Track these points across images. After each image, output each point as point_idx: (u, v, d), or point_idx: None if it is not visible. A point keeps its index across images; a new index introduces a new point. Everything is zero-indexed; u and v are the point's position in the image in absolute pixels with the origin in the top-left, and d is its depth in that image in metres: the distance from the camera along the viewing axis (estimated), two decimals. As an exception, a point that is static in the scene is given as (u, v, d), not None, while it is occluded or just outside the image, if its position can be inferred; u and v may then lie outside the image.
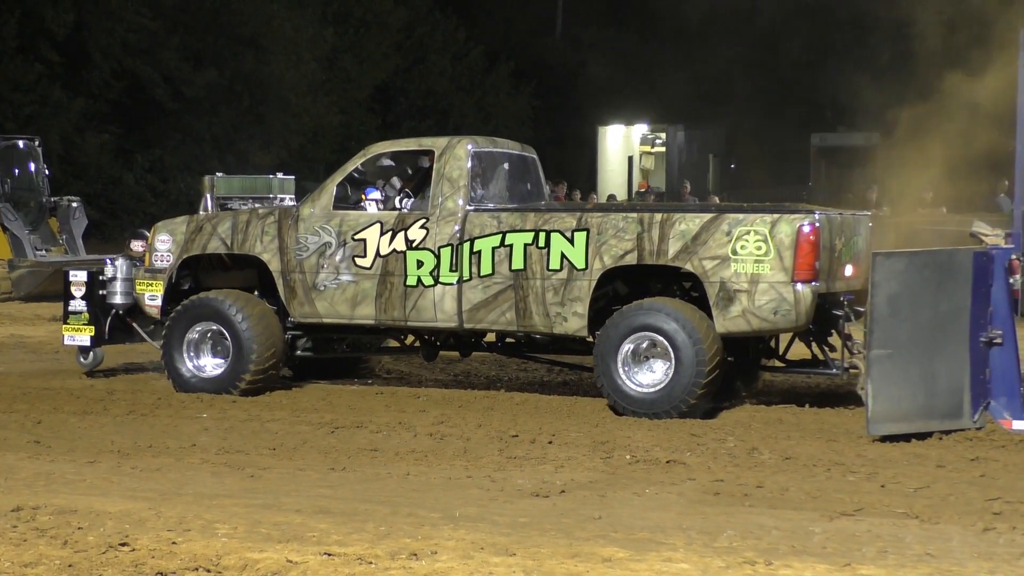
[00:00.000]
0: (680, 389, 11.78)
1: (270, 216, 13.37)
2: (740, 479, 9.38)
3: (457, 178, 12.81)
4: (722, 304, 11.84)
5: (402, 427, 11.42)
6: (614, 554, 7.42)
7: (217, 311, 13.09)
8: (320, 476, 9.62)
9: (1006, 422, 11.01)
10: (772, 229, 11.75)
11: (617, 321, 12.09)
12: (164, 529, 7.88)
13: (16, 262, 23.68)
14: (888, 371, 10.80)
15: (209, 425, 11.63)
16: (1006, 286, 11.20)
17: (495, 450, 10.52)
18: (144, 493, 8.94)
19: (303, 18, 39.67)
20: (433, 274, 12.67)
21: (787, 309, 11.68)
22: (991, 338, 11.08)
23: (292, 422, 11.81)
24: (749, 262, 11.77)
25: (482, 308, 12.52)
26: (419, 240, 12.73)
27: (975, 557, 7.51)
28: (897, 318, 10.84)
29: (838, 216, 12.45)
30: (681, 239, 11.99)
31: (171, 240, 13.54)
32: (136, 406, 12.38)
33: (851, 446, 10.57)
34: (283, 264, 13.12)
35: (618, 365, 11.98)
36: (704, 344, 11.74)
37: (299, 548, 7.51)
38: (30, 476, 9.51)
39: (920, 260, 11.21)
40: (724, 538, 7.80)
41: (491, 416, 12.00)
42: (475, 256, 12.55)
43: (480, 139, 13.48)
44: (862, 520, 8.30)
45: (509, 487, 9.19)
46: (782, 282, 11.68)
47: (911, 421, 10.84)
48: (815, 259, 11.70)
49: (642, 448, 10.49)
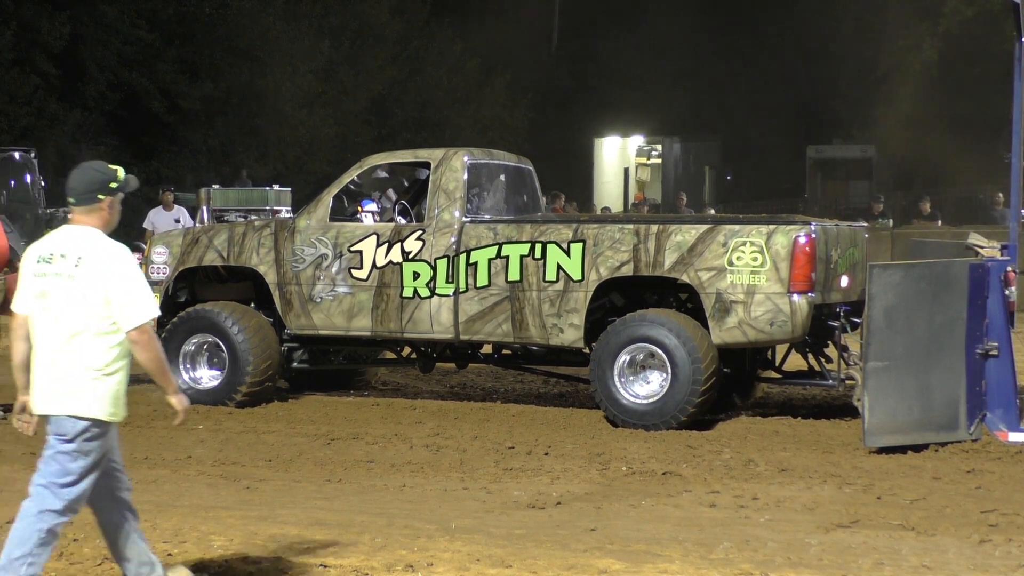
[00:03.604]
0: (676, 400, 11.78)
1: (266, 228, 13.38)
2: (736, 491, 9.38)
3: (453, 190, 12.82)
4: (718, 315, 11.85)
5: (398, 439, 11.42)
6: (610, 566, 7.42)
7: (213, 323, 13.09)
8: (316, 488, 9.62)
9: (1002, 434, 11.01)
10: (768, 240, 11.76)
11: (613, 333, 12.09)
12: (160, 541, 7.88)
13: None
14: (884, 383, 10.80)
15: (205, 437, 11.63)
16: (1002, 298, 11.21)
17: (491, 462, 10.52)
18: (140, 505, 8.86)
19: (299, 30, 39.67)
20: (429, 286, 12.67)
21: (783, 320, 11.68)
22: (987, 350, 11.10)
23: (288, 434, 11.80)
24: (745, 273, 11.78)
25: (478, 320, 12.52)
26: (415, 252, 12.74)
27: (971, 569, 7.51)
28: (893, 330, 10.85)
29: (834, 227, 12.46)
30: (677, 250, 11.99)
31: (167, 252, 13.55)
32: (132, 418, 12.29)
33: (847, 458, 10.57)
34: (279, 276, 13.13)
35: (614, 376, 11.98)
36: (700, 355, 11.75)
37: (295, 560, 7.51)
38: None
39: (916, 272, 11.21)
40: (720, 550, 7.80)
41: (487, 428, 12.00)
42: (471, 268, 12.55)
43: (476, 151, 13.49)
44: (858, 532, 8.31)
45: (505, 499, 9.19)
46: (778, 293, 11.69)
47: (907, 433, 10.85)
48: (811, 270, 11.70)
49: (638, 460, 10.49)
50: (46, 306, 6.31)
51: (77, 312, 6.26)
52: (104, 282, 6.25)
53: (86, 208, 6.38)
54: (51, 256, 6.34)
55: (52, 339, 6.30)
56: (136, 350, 6.33)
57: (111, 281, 6.25)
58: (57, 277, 6.28)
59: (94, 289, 6.25)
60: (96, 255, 6.29)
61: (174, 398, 6.55)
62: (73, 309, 6.26)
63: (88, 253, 6.29)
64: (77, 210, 6.38)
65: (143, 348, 6.31)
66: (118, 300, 6.25)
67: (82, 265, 6.27)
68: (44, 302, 6.32)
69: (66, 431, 6.28)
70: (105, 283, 6.25)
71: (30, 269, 6.41)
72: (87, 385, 6.28)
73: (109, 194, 6.43)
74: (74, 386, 6.27)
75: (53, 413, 6.31)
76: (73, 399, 6.28)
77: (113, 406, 6.40)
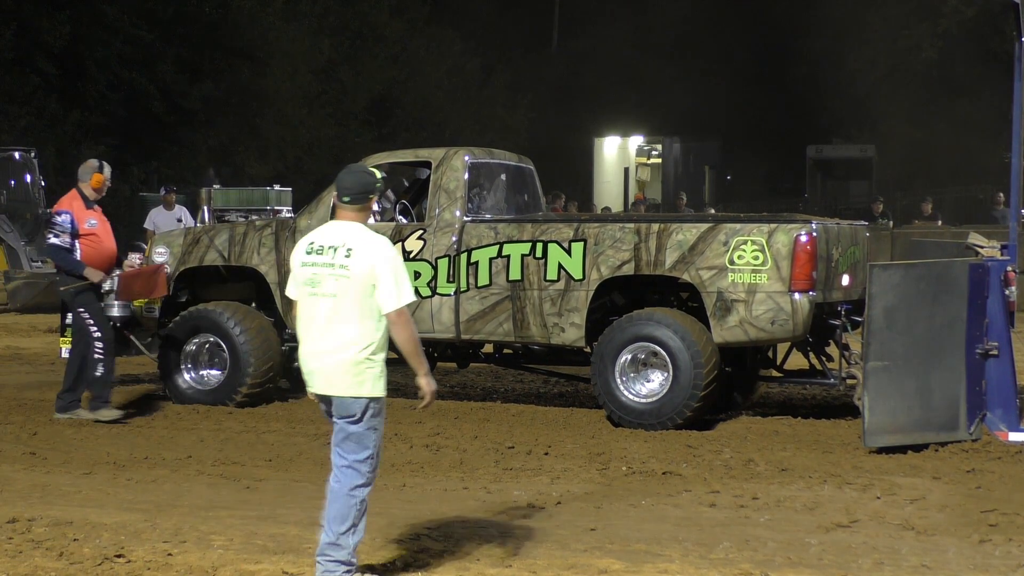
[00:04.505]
0: (677, 400, 11.77)
1: (267, 228, 13.37)
2: (736, 491, 9.38)
3: (454, 189, 12.81)
4: (719, 314, 11.83)
5: (398, 438, 11.42)
6: (610, 565, 7.43)
7: (215, 323, 13.09)
8: (316, 488, 9.57)
9: (1002, 434, 11.01)
10: (769, 239, 11.75)
11: (614, 332, 12.09)
12: (160, 541, 7.89)
13: (12, 274, 23.68)
14: (884, 383, 10.80)
15: (205, 436, 11.62)
16: (1002, 298, 11.21)
17: (491, 462, 10.52)
18: (140, 505, 8.93)
19: (299, 30, 39.67)
20: (430, 285, 12.66)
21: (784, 319, 11.68)
22: (987, 350, 11.09)
23: (288, 433, 11.80)
24: (746, 272, 11.76)
25: (479, 319, 12.51)
26: (416, 251, 12.73)
27: (971, 569, 7.52)
28: (893, 330, 10.85)
29: (835, 226, 12.45)
30: (678, 249, 11.98)
31: (168, 252, 13.54)
32: (131, 418, 12.36)
33: (847, 457, 10.57)
34: (280, 276, 13.11)
35: (616, 376, 11.98)
36: (702, 355, 11.74)
37: (295, 560, 7.51)
38: (26, 488, 9.50)
39: (916, 272, 11.22)
40: (720, 550, 7.81)
41: (487, 428, 12.00)
42: (472, 267, 12.54)
43: (477, 150, 13.48)
44: (858, 532, 8.31)
45: (505, 499, 9.19)
46: (779, 292, 11.67)
47: (907, 433, 10.85)
48: (812, 269, 11.69)
49: (638, 460, 10.49)
50: (314, 292, 7.08)
51: (347, 298, 7.01)
52: (372, 270, 7.00)
53: (358, 206, 7.20)
54: (321, 248, 7.12)
55: (322, 323, 7.05)
56: (395, 330, 7.05)
57: (378, 268, 7.01)
58: (328, 267, 7.06)
59: (363, 276, 7.01)
60: (365, 246, 7.07)
61: (423, 380, 7.15)
62: (343, 295, 7.01)
63: (358, 245, 7.06)
64: (349, 208, 7.19)
65: (401, 328, 7.04)
66: (383, 285, 7.00)
67: (353, 255, 7.04)
68: (313, 289, 7.09)
69: (352, 412, 7.04)
70: (373, 271, 7.01)
71: (299, 259, 7.21)
72: (362, 367, 7.03)
73: (374, 194, 7.26)
74: (350, 369, 7.01)
75: (335, 395, 7.05)
76: (352, 381, 7.02)
77: (384, 382, 7.10)
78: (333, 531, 7.00)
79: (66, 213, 12.22)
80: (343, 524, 7.00)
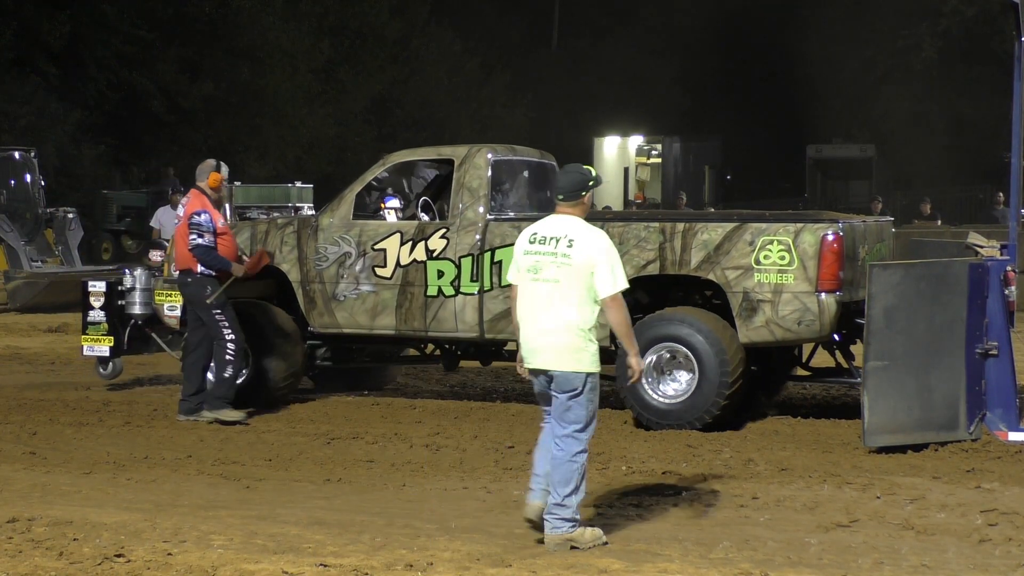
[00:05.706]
0: (704, 400, 11.67)
1: (289, 226, 13.29)
2: (736, 490, 9.38)
3: (477, 187, 12.72)
4: (745, 314, 11.73)
5: (398, 438, 11.41)
6: (610, 565, 7.42)
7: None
8: (316, 487, 9.61)
9: (1002, 433, 11.01)
10: (796, 239, 11.64)
11: (640, 331, 11.95)
12: (160, 540, 7.88)
13: (12, 273, 23.65)
14: (884, 383, 10.80)
15: (205, 436, 11.62)
16: (1002, 298, 11.20)
17: (491, 461, 10.52)
18: (140, 504, 8.93)
19: (299, 30, 39.69)
20: (454, 284, 12.58)
21: (811, 319, 11.58)
22: (987, 350, 11.08)
23: (288, 433, 11.80)
24: (772, 272, 11.65)
25: (503, 318, 12.33)
26: (439, 250, 12.64)
27: (971, 569, 7.52)
28: (893, 330, 10.84)
29: (861, 224, 12.34)
30: (704, 249, 11.87)
31: None
32: (132, 417, 12.36)
33: (847, 457, 10.57)
34: (302, 274, 13.04)
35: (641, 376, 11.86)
36: (728, 355, 11.64)
37: (295, 560, 7.51)
38: (26, 487, 9.50)
39: (916, 272, 11.21)
40: (720, 549, 7.80)
41: (487, 427, 11.99)
42: (496, 266, 12.42)
43: (500, 147, 13.34)
44: (858, 531, 8.31)
45: (505, 498, 9.18)
46: (806, 292, 11.57)
47: (907, 433, 10.84)
48: (839, 268, 11.56)
49: (638, 459, 10.49)
50: (536, 278, 7.83)
51: (568, 284, 7.75)
52: (591, 258, 7.74)
53: (573, 202, 7.93)
54: (544, 238, 7.87)
55: (544, 306, 7.80)
56: (609, 313, 7.80)
57: (596, 257, 7.74)
58: (551, 256, 7.81)
59: (583, 264, 7.74)
60: (585, 238, 7.80)
61: (634, 359, 7.92)
62: (565, 281, 7.76)
63: (579, 236, 7.80)
64: (565, 204, 7.93)
65: (616, 311, 7.80)
66: (600, 273, 7.74)
67: (575, 246, 7.77)
68: (535, 275, 7.84)
69: (574, 386, 7.80)
70: (592, 260, 7.74)
71: (522, 248, 7.94)
72: (582, 345, 7.78)
73: (588, 191, 7.97)
74: (571, 347, 7.76)
75: (556, 370, 7.80)
76: (573, 358, 7.77)
77: (599, 359, 7.87)
78: (559, 493, 7.76)
79: (205, 213, 12.14)
80: (567, 487, 7.75)
